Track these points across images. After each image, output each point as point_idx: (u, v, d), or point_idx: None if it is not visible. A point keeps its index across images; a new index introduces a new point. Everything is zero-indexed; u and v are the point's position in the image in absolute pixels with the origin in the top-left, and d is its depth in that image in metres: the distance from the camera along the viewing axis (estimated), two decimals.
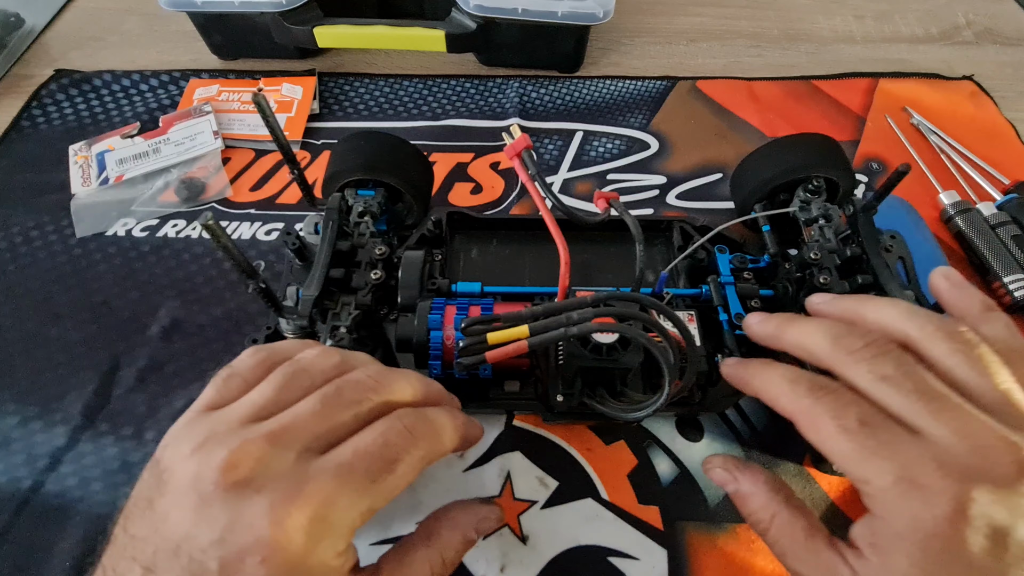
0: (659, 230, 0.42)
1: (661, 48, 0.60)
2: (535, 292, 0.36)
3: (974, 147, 0.50)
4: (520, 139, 0.31)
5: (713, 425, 0.37)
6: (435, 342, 0.31)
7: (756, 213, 0.40)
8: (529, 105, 0.54)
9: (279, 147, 0.33)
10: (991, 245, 0.43)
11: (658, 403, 0.28)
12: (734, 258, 0.38)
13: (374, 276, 0.34)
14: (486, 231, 0.42)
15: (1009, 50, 0.60)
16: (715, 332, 0.35)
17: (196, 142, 0.49)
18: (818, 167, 0.39)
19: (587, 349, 0.29)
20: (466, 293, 0.36)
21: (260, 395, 0.23)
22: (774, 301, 0.37)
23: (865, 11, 0.63)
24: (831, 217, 0.37)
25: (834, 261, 0.35)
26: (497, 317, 0.28)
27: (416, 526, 0.27)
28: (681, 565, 0.32)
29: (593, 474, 0.35)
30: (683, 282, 0.39)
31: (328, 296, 0.33)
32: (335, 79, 0.55)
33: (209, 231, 0.25)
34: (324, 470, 0.21)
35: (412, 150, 0.41)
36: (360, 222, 0.37)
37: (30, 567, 0.32)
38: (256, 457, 0.21)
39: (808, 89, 0.56)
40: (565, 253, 0.30)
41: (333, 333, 0.32)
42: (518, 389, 0.34)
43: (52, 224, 0.45)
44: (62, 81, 0.54)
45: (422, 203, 0.41)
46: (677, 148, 0.51)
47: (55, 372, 0.38)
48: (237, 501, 0.20)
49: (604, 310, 0.27)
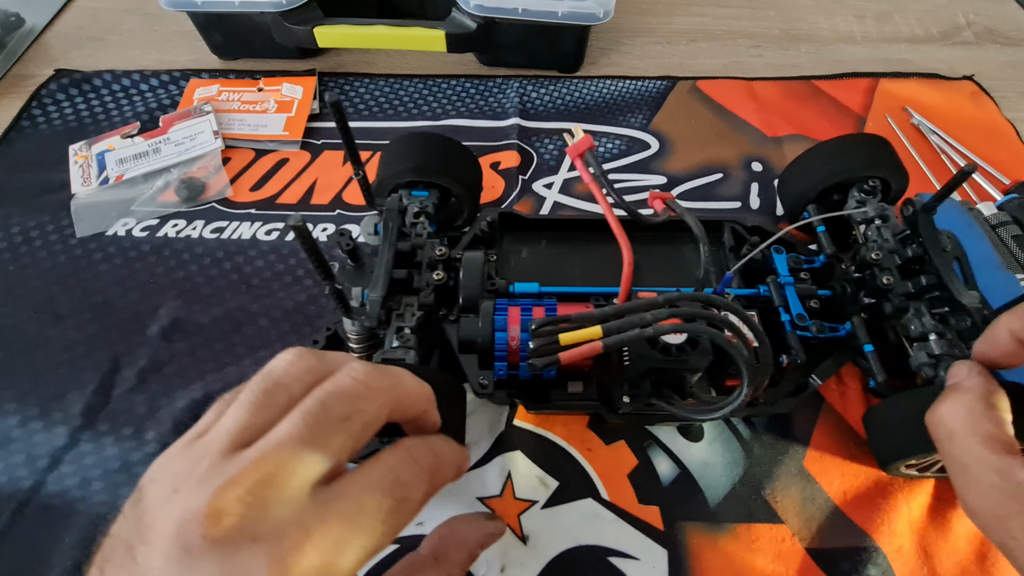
0: (709, 231, 0.42)
1: (661, 48, 0.60)
2: (592, 292, 0.36)
3: (974, 147, 0.50)
4: (583, 139, 0.31)
5: (713, 425, 0.37)
6: (500, 343, 0.31)
7: (809, 216, 0.39)
8: (529, 105, 0.54)
9: (347, 148, 0.32)
10: (991, 245, 0.42)
11: (736, 402, 0.27)
12: (790, 258, 0.37)
13: (436, 277, 0.33)
14: (534, 232, 0.42)
15: (1009, 50, 0.60)
16: (777, 332, 0.35)
17: (196, 142, 0.49)
18: (872, 167, 0.39)
19: (655, 349, 0.29)
20: (524, 293, 0.35)
21: (232, 419, 0.20)
22: (832, 301, 0.36)
23: (865, 11, 0.63)
24: (888, 217, 0.37)
25: (895, 261, 0.35)
26: (568, 318, 0.28)
27: (415, 526, 0.27)
28: (681, 565, 0.32)
29: (593, 474, 0.35)
30: (737, 282, 0.39)
31: (390, 297, 0.33)
32: (335, 79, 0.55)
33: (297, 231, 0.24)
34: (331, 511, 0.19)
35: (463, 150, 0.41)
36: (416, 223, 0.37)
37: (30, 567, 0.32)
38: (245, 503, 0.18)
39: (808, 89, 0.56)
40: (629, 254, 0.30)
41: (399, 333, 0.32)
42: (581, 390, 0.34)
43: (52, 224, 0.45)
44: (62, 81, 0.54)
45: (472, 204, 0.41)
46: (677, 148, 0.51)
47: (55, 372, 0.38)
48: (230, 554, 0.17)
49: (676, 311, 0.27)
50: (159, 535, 0.18)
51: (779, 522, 0.34)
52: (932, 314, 0.33)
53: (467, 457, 0.27)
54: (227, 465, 0.18)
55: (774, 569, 0.32)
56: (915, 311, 0.33)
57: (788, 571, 0.32)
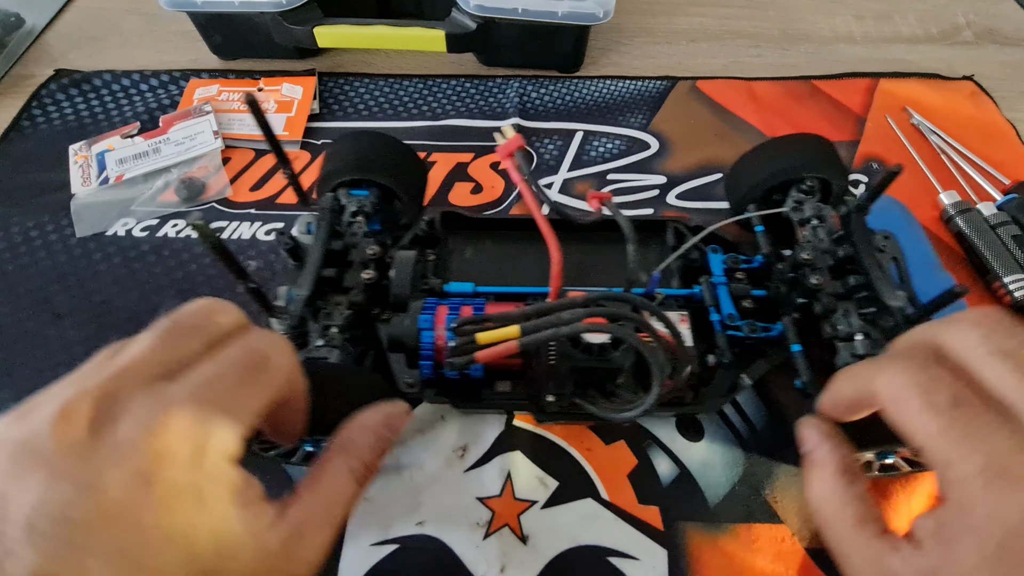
0: (653, 230, 0.42)
1: (661, 48, 0.60)
2: (528, 292, 0.36)
3: (974, 147, 0.50)
4: (513, 139, 0.31)
5: (713, 425, 0.37)
6: (426, 342, 0.31)
7: (749, 213, 0.40)
8: (529, 105, 0.54)
9: (272, 147, 0.32)
10: (991, 245, 0.43)
11: (647, 403, 0.28)
12: (727, 258, 0.38)
13: (366, 276, 0.33)
14: (481, 231, 0.42)
15: (1009, 50, 0.60)
16: (710, 333, 0.35)
17: (196, 142, 0.49)
18: (811, 167, 0.39)
19: (578, 349, 0.29)
20: (459, 293, 0.36)
21: (81, 370, 0.21)
22: (768, 301, 0.37)
23: (865, 11, 0.63)
24: (824, 217, 0.37)
25: (827, 261, 0.35)
26: (488, 317, 0.28)
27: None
28: (681, 565, 0.32)
29: (593, 474, 0.35)
30: (677, 283, 0.39)
31: (320, 296, 0.33)
32: (335, 79, 0.55)
33: (199, 231, 0.24)
34: (189, 383, 0.19)
35: (404, 149, 0.40)
36: (353, 222, 0.37)
37: None
38: (95, 396, 0.18)
39: (808, 89, 0.56)
40: (557, 253, 0.30)
41: (324, 333, 0.32)
42: (509, 389, 0.34)
43: (52, 224, 0.45)
44: (62, 81, 0.54)
45: (416, 203, 0.41)
46: (677, 148, 0.51)
47: (55, 372, 0.37)
48: (89, 445, 0.17)
49: (595, 310, 0.27)
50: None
51: (779, 522, 0.34)
52: (861, 314, 0.33)
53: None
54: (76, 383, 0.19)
55: (774, 569, 0.32)
56: (844, 311, 0.33)
57: (788, 571, 0.32)
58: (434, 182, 0.48)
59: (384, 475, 0.34)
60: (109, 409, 0.18)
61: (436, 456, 0.35)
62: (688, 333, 0.33)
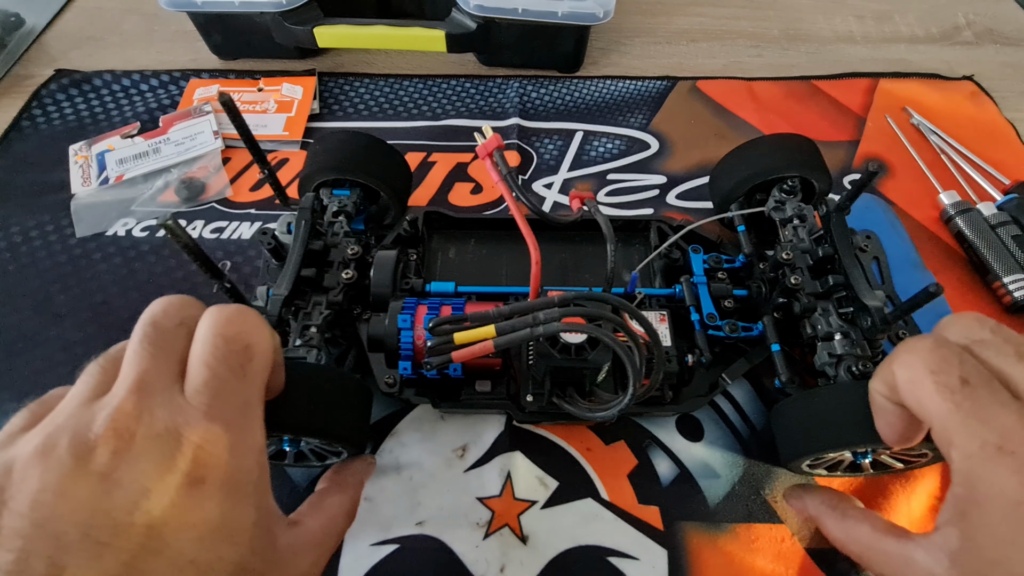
0: (637, 230, 0.42)
1: (661, 48, 0.60)
2: (509, 292, 0.36)
3: (974, 147, 0.50)
4: (492, 139, 0.31)
5: (713, 425, 0.37)
6: (405, 342, 0.31)
7: (730, 212, 0.40)
8: (529, 105, 0.54)
9: (248, 145, 0.32)
10: (991, 245, 0.43)
11: (623, 403, 0.27)
12: (709, 258, 0.38)
13: (345, 276, 0.33)
14: (465, 231, 0.42)
15: (1009, 50, 0.60)
16: (691, 332, 0.35)
17: (196, 142, 0.49)
18: (793, 167, 0.39)
19: (556, 349, 0.29)
20: (440, 293, 0.36)
21: (77, 387, 0.21)
22: (749, 301, 0.37)
23: (865, 11, 0.63)
24: (805, 217, 0.37)
25: (806, 261, 0.35)
26: (466, 317, 0.28)
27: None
28: (681, 565, 0.32)
29: (593, 474, 0.35)
30: (659, 282, 0.39)
31: (300, 295, 0.33)
32: (335, 79, 0.55)
33: (169, 231, 0.24)
34: (195, 391, 0.20)
35: (388, 150, 0.40)
36: (334, 222, 0.37)
37: None
38: (128, 414, 0.19)
39: (808, 89, 0.56)
40: (536, 253, 0.30)
41: (304, 332, 0.32)
42: (490, 389, 0.35)
43: (52, 224, 0.45)
44: (62, 81, 0.54)
45: (399, 203, 0.41)
46: (677, 148, 0.51)
47: (55, 372, 0.38)
48: (138, 456, 0.19)
49: (572, 310, 0.27)
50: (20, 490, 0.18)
51: (778, 522, 0.34)
52: (840, 314, 0.33)
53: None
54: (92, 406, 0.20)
55: (774, 569, 0.32)
56: (823, 311, 0.33)
57: (788, 571, 0.32)
58: (434, 182, 0.48)
59: (384, 475, 0.34)
60: (151, 425, 0.19)
61: (436, 456, 0.35)
62: (667, 332, 0.33)
